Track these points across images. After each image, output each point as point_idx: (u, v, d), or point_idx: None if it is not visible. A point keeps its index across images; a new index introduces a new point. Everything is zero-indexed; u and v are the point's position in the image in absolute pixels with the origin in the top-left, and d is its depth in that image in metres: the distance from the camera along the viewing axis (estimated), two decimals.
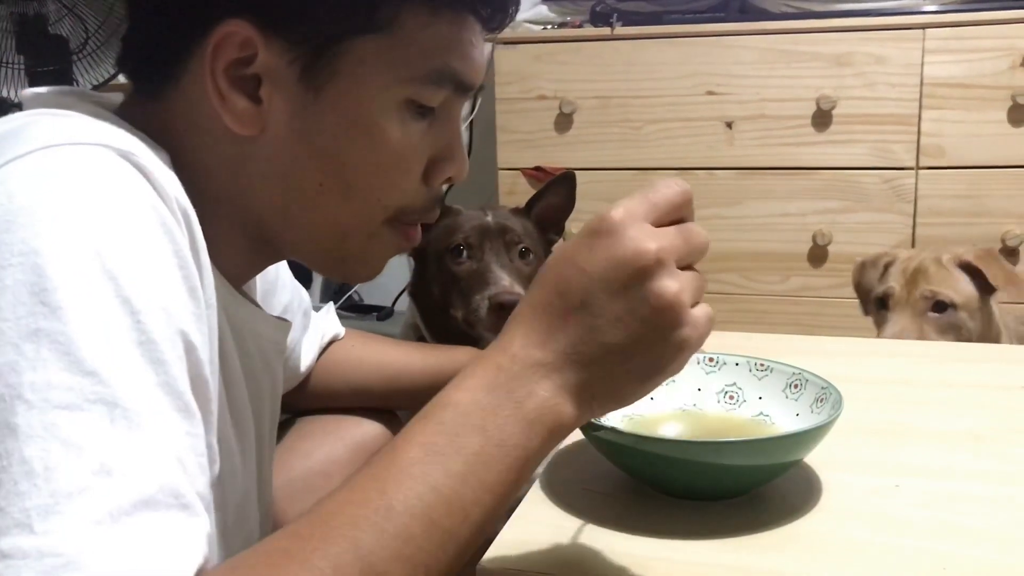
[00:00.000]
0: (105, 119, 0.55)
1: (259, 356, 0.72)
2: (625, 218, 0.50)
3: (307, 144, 0.61)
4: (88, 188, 0.47)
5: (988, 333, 1.41)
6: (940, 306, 1.38)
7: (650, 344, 0.50)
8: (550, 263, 0.52)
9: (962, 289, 1.39)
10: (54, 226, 0.45)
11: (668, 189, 0.52)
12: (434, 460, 0.46)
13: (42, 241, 0.44)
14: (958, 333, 1.38)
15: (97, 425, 0.41)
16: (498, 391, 0.48)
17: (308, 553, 0.42)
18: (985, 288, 1.39)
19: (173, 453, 0.43)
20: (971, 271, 1.39)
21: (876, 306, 1.46)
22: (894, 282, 1.42)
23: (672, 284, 0.49)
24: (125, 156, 0.50)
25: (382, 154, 0.62)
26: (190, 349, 0.48)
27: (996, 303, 1.44)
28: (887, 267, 1.47)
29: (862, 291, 1.54)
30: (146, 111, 0.61)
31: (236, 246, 0.65)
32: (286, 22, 0.58)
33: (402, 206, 0.66)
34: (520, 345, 0.50)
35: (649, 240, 0.49)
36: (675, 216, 0.52)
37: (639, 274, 0.49)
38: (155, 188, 0.50)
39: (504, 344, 0.50)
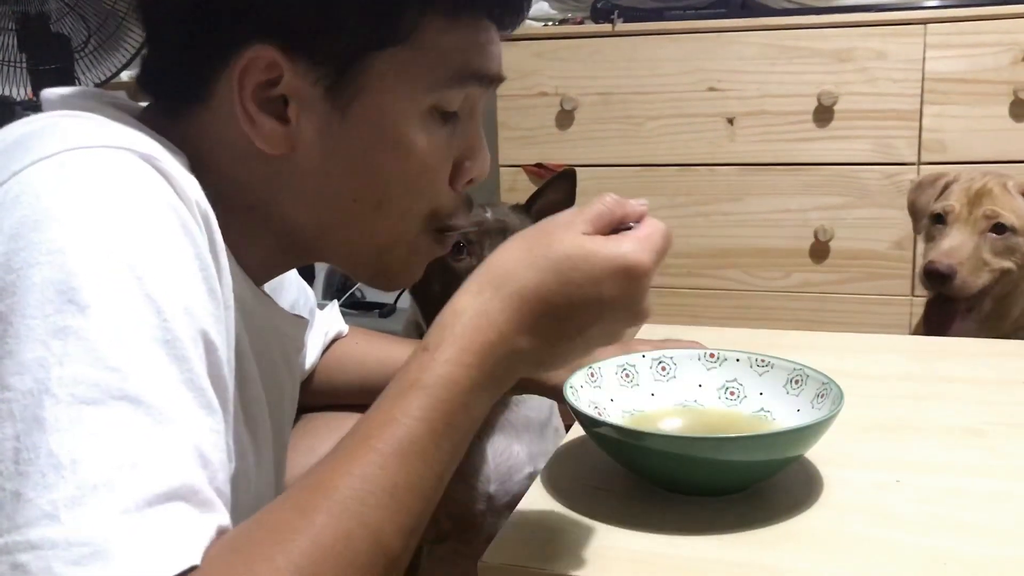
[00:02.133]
0: (126, 123, 0.56)
1: (279, 353, 0.73)
2: (650, 271, 0.55)
3: (338, 160, 0.62)
4: (112, 190, 0.48)
5: None
6: (999, 228, 1.36)
7: (611, 332, 0.57)
8: (578, 263, 0.54)
9: (1023, 215, 1.37)
10: (80, 226, 0.45)
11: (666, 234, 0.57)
12: (433, 439, 0.50)
13: (68, 241, 0.45)
14: (1012, 256, 1.37)
15: (122, 420, 0.42)
16: (485, 372, 0.52)
17: (319, 529, 0.44)
18: None
19: (196, 448, 0.44)
20: None
21: (932, 221, 1.43)
22: (955, 200, 1.39)
23: (648, 307, 0.57)
24: (147, 160, 0.51)
25: (411, 164, 0.63)
26: (210, 349, 0.49)
27: None
28: (947, 186, 1.45)
29: (916, 210, 1.52)
30: (171, 123, 0.61)
31: (264, 247, 0.65)
32: (309, 42, 0.59)
33: (433, 209, 0.67)
34: (512, 327, 0.53)
35: (648, 293, 0.56)
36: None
37: (635, 320, 0.57)
38: (176, 191, 0.51)
39: (496, 318, 0.53)
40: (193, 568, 0.41)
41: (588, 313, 0.54)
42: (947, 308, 1.36)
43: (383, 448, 0.48)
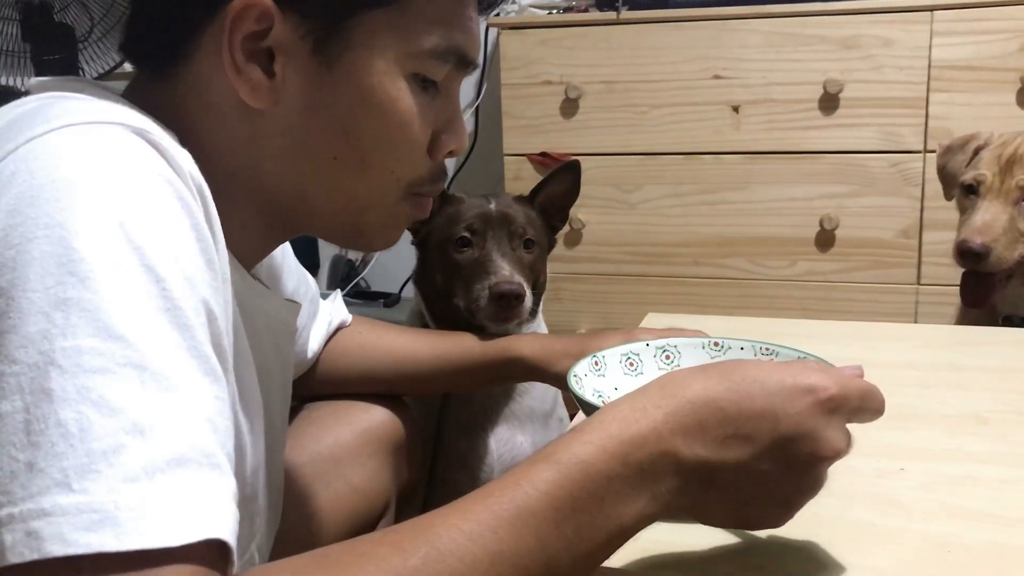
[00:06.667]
0: (115, 101, 0.56)
1: (269, 337, 0.73)
2: (841, 405, 0.52)
3: (320, 117, 0.62)
4: (107, 163, 0.48)
5: None
6: None
7: (767, 504, 0.52)
8: (754, 375, 0.51)
9: None
10: (77, 200, 0.46)
11: (880, 406, 0.54)
12: (552, 518, 0.46)
13: (66, 215, 0.45)
14: None
15: (128, 387, 0.42)
16: (630, 468, 0.48)
17: (410, 572, 0.43)
18: None
19: (203, 414, 0.45)
20: None
21: (963, 192, 1.39)
22: (986, 169, 1.34)
23: (824, 478, 0.53)
24: (140, 133, 0.51)
25: (392, 125, 0.64)
26: (211, 318, 0.49)
27: None
28: (977, 151, 1.40)
29: (946, 175, 1.46)
30: (153, 94, 0.62)
31: (248, 224, 0.66)
32: None
33: (412, 179, 0.67)
34: (670, 426, 0.49)
35: (841, 442, 0.52)
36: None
37: (814, 462, 0.51)
38: (170, 164, 0.52)
39: (653, 413, 0.50)
40: (219, 542, 0.41)
41: (758, 429, 0.50)
42: (984, 280, 1.31)
43: (498, 510, 0.46)
